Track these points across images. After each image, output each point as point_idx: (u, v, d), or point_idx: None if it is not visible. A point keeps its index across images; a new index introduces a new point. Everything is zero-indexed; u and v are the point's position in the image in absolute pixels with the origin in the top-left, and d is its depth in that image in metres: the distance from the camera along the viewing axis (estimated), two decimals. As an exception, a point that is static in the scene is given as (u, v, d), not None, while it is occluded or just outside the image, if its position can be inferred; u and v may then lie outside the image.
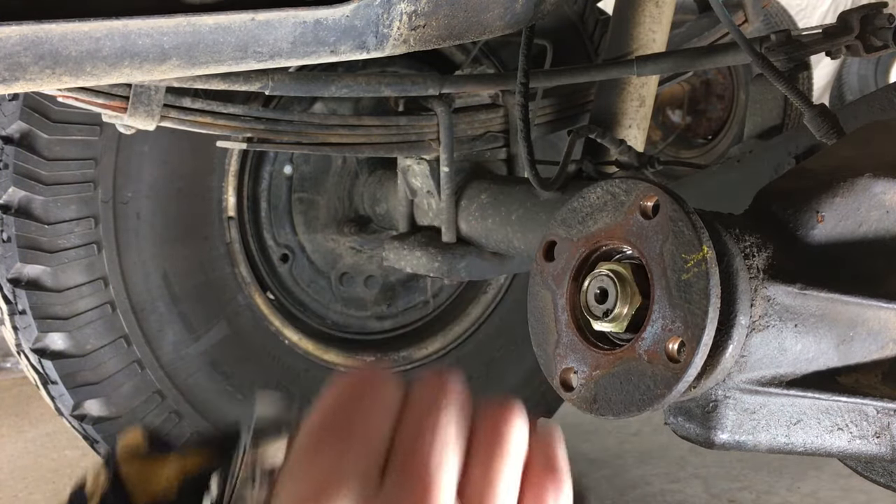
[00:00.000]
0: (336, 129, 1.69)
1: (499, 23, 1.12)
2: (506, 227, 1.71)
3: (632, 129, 1.78)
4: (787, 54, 1.42)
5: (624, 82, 1.77)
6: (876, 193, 0.78)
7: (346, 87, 1.57)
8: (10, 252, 1.61)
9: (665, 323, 0.66)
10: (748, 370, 0.72)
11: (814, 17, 5.48)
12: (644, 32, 1.75)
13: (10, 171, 1.58)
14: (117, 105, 1.39)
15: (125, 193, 1.68)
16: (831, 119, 1.22)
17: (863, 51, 1.40)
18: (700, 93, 4.05)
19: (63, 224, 1.63)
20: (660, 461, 2.41)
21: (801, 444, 0.77)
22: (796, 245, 0.76)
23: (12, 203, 1.60)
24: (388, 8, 0.99)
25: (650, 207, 0.69)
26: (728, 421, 0.74)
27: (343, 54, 1.00)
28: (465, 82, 1.75)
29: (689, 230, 0.66)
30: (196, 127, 1.52)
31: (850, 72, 5.60)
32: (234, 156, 1.84)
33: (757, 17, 1.94)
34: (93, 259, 1.67)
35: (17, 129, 1.57)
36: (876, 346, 0.78)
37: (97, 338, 1.69)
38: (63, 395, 1.70)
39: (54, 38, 0.82)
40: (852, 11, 1.42)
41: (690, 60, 1.64)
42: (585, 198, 0.74)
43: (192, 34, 0.89)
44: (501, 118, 1.90)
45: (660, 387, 0.66)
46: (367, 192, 2.06)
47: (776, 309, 0.72)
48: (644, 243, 0.69)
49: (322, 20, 0.96)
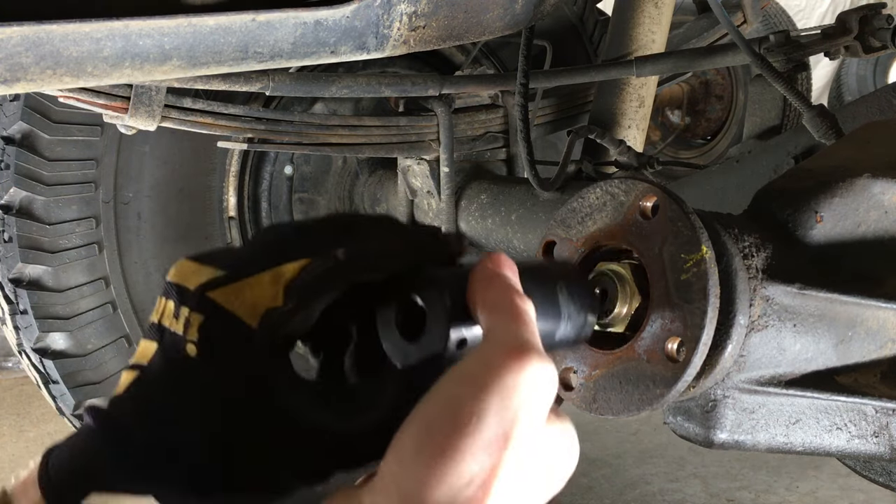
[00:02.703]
0: (336, 129, 1.69)
1: (498, 24, 1.12)
2: (505, 227, 1.71)
3: (631, 129, 1.78)
4: (786, 55, 1.42)
5: (623, 83, 1.77)
6: (874, 194, 0.79)
7: (346, 87, 1.57)
8: (12, 252, 1.61)
9: (664, 323, 0.66)
10: (747, 370, 0.72)
11: (812, 17, 5.48)
12: (643, 33, 1.75)
13: (12, 172, 1.58)
14: (118, 105, 1.39)
15: (126, 194, 1.69)
16: (830, 119, 1.23)
17: (861, 51, 1.41)
18: (699, 93, 4.05)
19: (64, 224, 1.63)
20: (659, 460, 2.41)
21: (799, 444, 0.77)
22: (795, 245, 0.76)
23: (14, 203, 1.60)
24: (388, 9, 1.00)
25: (649, 208, 0.69)
26: (727, 420, 0.74)
27: (343, 55, 1.00)
28: (465, 83, 1.76)
29: (688, 230, 0.66)
30: (197, 127, 1.53)
31: (848, 72, 5.61)
32: (235, 156, 1.84)
33: (756, 17, 1.94)
34: (94, 259, 1.67)
35: (18, 130, 1.57)
36: (874, 346, 0.79)
37: (98, 337, 1.70)
38: (64, 394, 1.71)
39: (55, 39, 0.82)
40: (851, 12, 1.42)
41: (689, 61, 1.64)
42: (585, 198, 0.74)
43: (192, 35, 0.89)
44: (501, 118, 1.91)
45: (659, 386, 0.66)
46: (368, 193, 2.06)
47: (775, 309, 0.72)
48: (643, 243, 0.69)
49: (322, 21, 0.96)
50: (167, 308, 0.51)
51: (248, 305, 0.49)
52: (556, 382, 0.47)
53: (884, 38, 1.38)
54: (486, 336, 0.48)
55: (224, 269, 0.50)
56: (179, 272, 0.52)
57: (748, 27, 1.93)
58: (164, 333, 0.50)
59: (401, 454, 0.44)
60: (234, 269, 0.50)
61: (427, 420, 0.44)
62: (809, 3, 5.51)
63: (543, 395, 0.46)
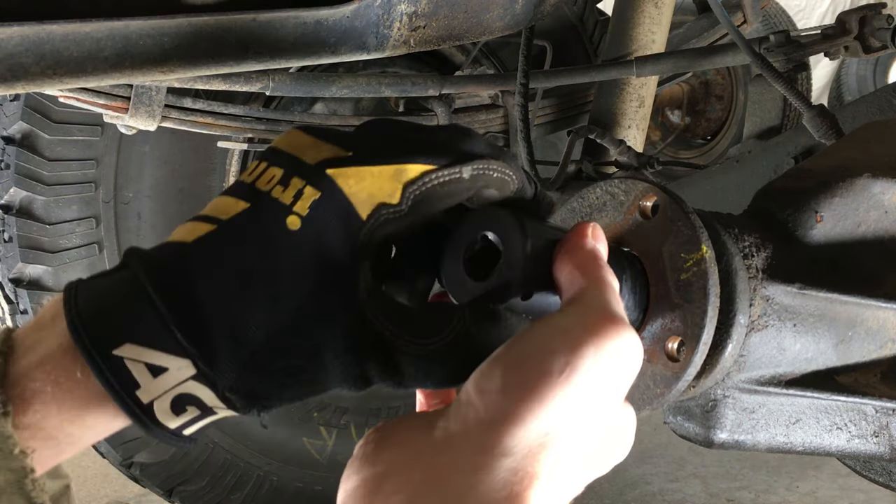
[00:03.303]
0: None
1: (499, 24, 1.12)
2: (506, 227, 1.71)
3: (631, 129, 1.78)
4: (786, 55, 1.42)
5: (623, 83, 1.77)
6: (875, 193, 0.79)
7: (346, 87, 1.57)
8: (12, 252, 1.61)
9: (664, 322, 0.66)
10: (747, 369, 0.72)
11: (812, 17, 5.48)
12: (643, 33, 1.75)
13: (12, 172, 1.58)
14: (118, 105, 1.39)
15: (126, 194, 1.69)
16: (830, 119, 1.23)
17: (861, 51, 1.41)
18: (699, 93, 4.05)
19: (64, 224, 1.63)
20: (659, 460, 2.41)
21: (799, 444, 0.77)
22: (795, 245, 0.76)
23: (14, 203, 1.60)
24: (388, 9, 1.00)
25: (649, 207, 0.69)
26: (727, 420, 0.74)
27: (343, 55, 1.00)
28: (465, 83, 1.76)
29: (688, 230, 0.66)
30: (197, 127, 1.53)
31: (848, 72, 5.61)
32: (235, 156, 1.84)
33: (756, 17, 1.94)
34: (94, 259, 1.67)
35: (18, 130, 1.57)
36: (874, 346, 0.79)
37: (98, 338, 1.70)
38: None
39: (56, 39, 0.82)
40: (851, 12, 1.42)
41: (689, 61, 1.64)
42: (584, 198, 0.74)
43: (193, 35, 0.89)
44: (501, 118, 1.91)
45: (659, 386, 0.66)
46: (368, 193, 2.06)
47: (775, 308, 0.72)
48: (643, 243, 0.69)
49: (323, 21, 0.96)
50: (269, 174, 0.48)
51: (365, 194, 0.47)
52: (641, 356, 0.47)
53: (884, 38, 1.38)
54: (580, 299, 0.48)
55: (346, 149, 0.48)
56: (292, 143, 0.49)
57: (748, 27, 1.93)
58: (261, 197, 0.47)
59: (485, 386, 0.44)
60: (359, 154, 0.48)
61: (518, 360, 0.44)
62: (809, 3, 5.51)
63: (632, 367, 0.46)
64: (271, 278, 0.45)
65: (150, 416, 0.44)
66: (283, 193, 0.47)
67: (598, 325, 0.45)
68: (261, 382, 0.45)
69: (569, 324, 0.45)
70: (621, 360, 0.45)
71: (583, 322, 0.45)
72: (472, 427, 0.43)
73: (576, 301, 0.48)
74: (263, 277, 0.45)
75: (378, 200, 0.47)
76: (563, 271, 0.50)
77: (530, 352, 0.44)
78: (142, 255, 0.46)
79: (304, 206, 0.46)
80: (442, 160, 0.49)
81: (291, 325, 0.45)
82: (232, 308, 0.44)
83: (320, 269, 0.46)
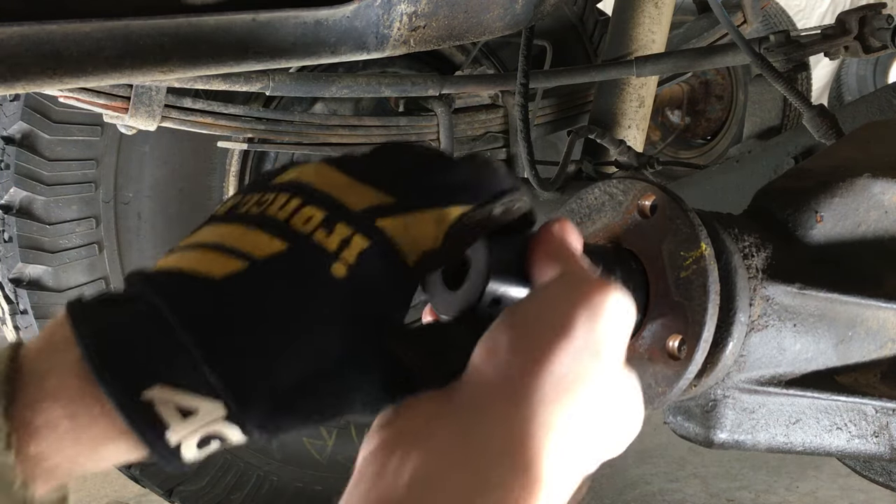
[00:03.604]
0: (336, 129, 1.70)
1: (498, 24, 1.13)
2: (505, 227, 1.71)
3: (631, 129, 1.78)
4: (786, 55, 1.42)
5: (623, 83, 1.77)
6: (875, 193, 0.79)
7: (346, 87, 1.57)
8: (12, 252, 1.61)
9: (665, 321, 0.66)
10: (747, 369, 0.72)
11: (812, 17, 5.48)
12: (643, 33, 1.75)
13: (12, 172, 1.58)
14: (118, 105, 1.39)
15: (126, 194, 1.69)
16: (830, 119, 1.23)
17: (861, 51, 1.41)
18: (699, 93, 4.05)
19: (64, 224, 1.63)
20: (659, 460, 2.41)
21: (799, 444, 0.77)
22: (795, 245, 0.76)
23: (14, 203, 1.60)
24: (388, 9, 1.00)
25: (648, 207, 0.69)
26: (727, 420, 0.74)
27: (343, 55, 1.00)
28: (465, 83, 1.76)
29: (687, 228, 0.66)
30: (197, 127, 1.53)
31: (848, 72, 5.61)
32: (235, 156, 1.84)
33: (756, 17, 1.94)
34: (94, 259, 1.67)
35: (18, 130, 1.57)
36: (874, 346, 0.79)
37: (98, 338, 1.70)
38: (64, 395, 1.71)
39: (56, 39, 0.82)
40: (851, 12, 1.42)
41: (689, 61, 1.64)
42: (584, 198, 0.74)
43: (193, 35, 0.89)
44: (501, 118, 1.91)
45: (661, 385, 0.66)
46: (368, 193, 2.06)
47: (775, 308, 0.72)
48: (642, 242, 0.69)
49: (323, 21, 0.96)
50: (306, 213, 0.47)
51: (411, 242, 0.47)
52: (634, 316, 0.49)
53: (884, 38, 1.38)
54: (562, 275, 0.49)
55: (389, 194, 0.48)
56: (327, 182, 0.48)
57: (748, 27, 1.93)
58: (301, 240, 0.46)
59: (494, 347, 0.46)
60: (402, 200, 0.48)
61: (522, 320, 0.46)
62: (809, 3, 5.51)
63: (625, 322, 0.48)
64: (310, 325, 0.44)
65: (177, 455, 0.44)
66: (328, 239, 0.46)
67: (586, 287, 0.47)
68: (288, 420, 0.45)
69: (559, 289, 0.47)
70: (613, 314, 0.47)
71: (571, 286, 0.47)
72: (486, 385, 0.45)
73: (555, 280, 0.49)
74: (302, 324, 0.44)
75: (423, 248, 0.47)
76: (535, 264, 0.51)
77: (532, 312, 0.46)
78: (159, 288, 0.44)
79: (351, 255, 0.45)
80: (477, 200, 0.50)
81: (327, 371, 0.45)
82: (268, 352, 0.43)
83: (362, 318, 0.46)
